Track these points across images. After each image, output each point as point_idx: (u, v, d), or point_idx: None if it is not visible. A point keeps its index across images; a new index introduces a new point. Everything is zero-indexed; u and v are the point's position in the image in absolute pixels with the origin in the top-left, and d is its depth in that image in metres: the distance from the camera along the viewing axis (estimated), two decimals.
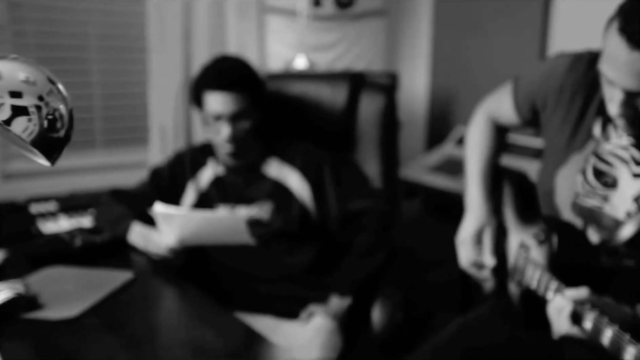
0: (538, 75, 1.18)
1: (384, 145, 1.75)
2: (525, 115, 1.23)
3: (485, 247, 1.19)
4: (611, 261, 1.06)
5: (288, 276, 1.58)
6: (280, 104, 1.80)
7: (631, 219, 1.01)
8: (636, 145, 1.03)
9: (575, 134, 1.11)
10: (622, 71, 0.87)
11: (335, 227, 1.62)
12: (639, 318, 0.95)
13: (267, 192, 1.63)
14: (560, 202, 1.13)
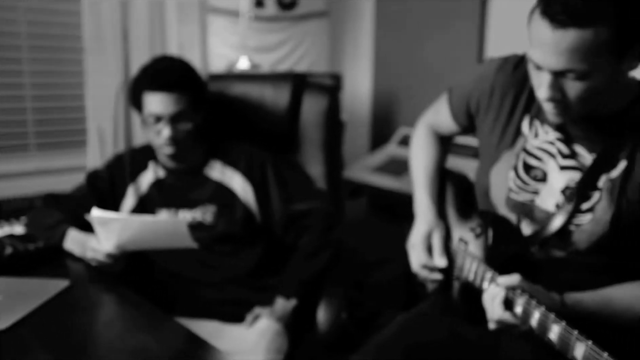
0: (469, 81, 1.22)
1: (328, 146, 1.76)
2: (462, 121, 1.27)
3: (435, 249, 1.21)
4: (542, 252, 1.10)
5: (232, 279, 1.56)
6: (223, 105, 1.77)
7: (560, 210, 1.05)
8: (562, 140, 1.06)
9: (505, 133, 1.14)
10: (548, 52, 0.90)
11: (280, 228, 1.61)
12: (566, 304, 0.98)
13: (209, 195, 1.60)
14: (495, 199, 1.16)
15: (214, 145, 1.65)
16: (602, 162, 1.01)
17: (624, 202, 1.00)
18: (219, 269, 1.57)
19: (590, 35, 0.86)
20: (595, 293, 1.02)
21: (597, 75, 0.90)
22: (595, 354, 0.79)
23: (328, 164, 1.76)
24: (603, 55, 0.88)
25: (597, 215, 1.01)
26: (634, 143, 0.99)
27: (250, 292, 1.55)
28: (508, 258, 1.07)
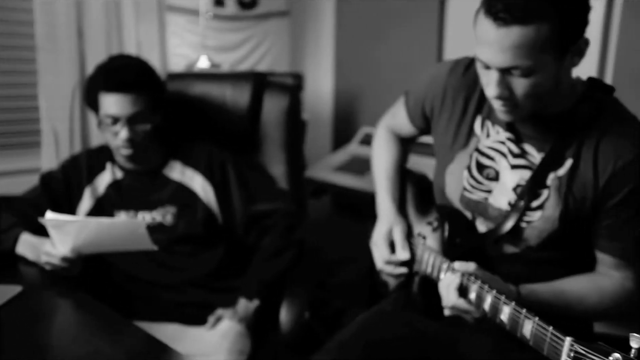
0: (423, 83, 1.25)
1: (289, 146, 1.75)
2: (419, 124, 1.30)
3: (397, 244, 1.23)
4: (496, 249, 1.12)
5: (193, 281, 1.54)
6: (182, 105, 1.75)
7: (512, 208, 1.07)
8: (512, 139, 1.09)
9: (459, 133, 1.16)
10: (493, 50, 0.92)
11: (241, 229, 1.60)
12: (521, 294, 1.01)
13: (169, 196, 1.58)
14: (451, 197, 1.18)
15: (173, 146, 1.63)
16: (550, 160, 1.04)
17: (570, 199, 1.02)
18: (180, 270, 1.54)
19: (532, 32, 0.89)
20: (549, 284, 1.05)
21: (541, 72, 0.93)
22: (542, 329, 0.81)
23: (290, 163, 1.75)
24: (546, 52, 0.91)
25: (547, 213, 1.04)
26: (579, 142, 1.02)
27: (211, 294, 1.53)
28: (464, 251, 1.09)
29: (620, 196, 1.00)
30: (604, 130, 1.01)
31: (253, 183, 1.63)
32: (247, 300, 1.48)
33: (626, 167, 0.98)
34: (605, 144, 1.00)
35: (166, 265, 1.54)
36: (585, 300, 1.05)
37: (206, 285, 1.54)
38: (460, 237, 1.12)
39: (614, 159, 0.99)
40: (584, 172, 1.02)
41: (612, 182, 1.00)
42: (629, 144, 0.99)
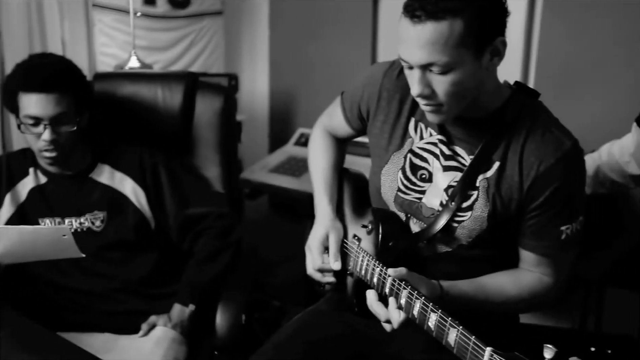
0: (359, 85, 1.25)
1: (223, 147, 1.72)
2: (355, 125, 1.30)
3: (331, 252, 1.22)
4: (429, 248, 1.15)
5: (125, 288, 1.49)
6: (110, 106, 1.68)
7: (444, 208, 1.10)
8: (443, 142, 1.12)
9: (393, 135, 1.18)
10: (411, 47, 0.95)
11: (175, 233, 1.56)
12: (444, 288, 1.03)
13: (98, 201, 1.52)
14: (386, 198, 1.20)
15: (101, 149, 1.57)
16: (479, 163, 1.07)
17: (498, 200, 1.06)
18: (111, 278, 1.49)
19: (446, 28, 0.91)
20: (471, 280, 1.08)
21: (460, 69, 0.95)
22: (465, 338, 0.83)
23: (224, 165, 1.73)
24: (461, 48, 0.93)
25: (476, 213, 1.07)
26: (506, 145, 1.06)
27: (144, 301, 1.49)
28: (397, 254, 1.10)
29: (543, 198, 1.04)
30: (529, 134, 1.04)
31: (186, 186, 1.59)
32: (181, 306, 1.44)
33: (548, 171, 1.02)
34: (530, 147, 1.04)
35: (96, 273, 1.48)
36: (504, 293, 1.09)
37: (139, 292, 1.49)
38: (394, 240, 1.14)
39: (537, 163, 1.03)
40: (510, 175, 1.05)
41: (535, 185, 1.03)
42: (551, 148, 1.03)
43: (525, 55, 2.17)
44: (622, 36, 1.93)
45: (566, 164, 1.03)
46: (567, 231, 1.06)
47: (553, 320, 2.02)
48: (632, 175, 1.40)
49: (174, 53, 2.80)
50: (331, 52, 2.78)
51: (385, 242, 1.13)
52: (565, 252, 1.09)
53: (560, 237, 1.06)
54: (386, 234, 1.13)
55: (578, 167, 1.07)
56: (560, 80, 2.09)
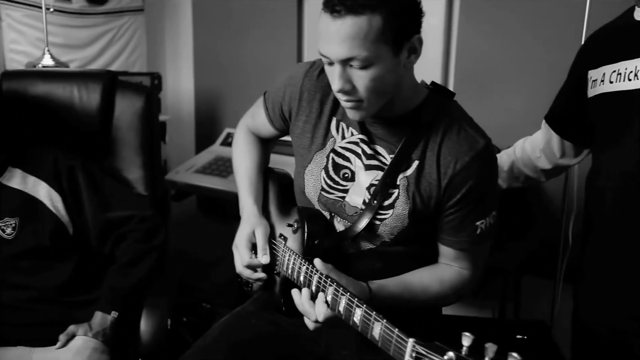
0: (281, 85, 1.26)
1: (146, 148, 1.67)
2: (278, 125, 1.30)
3: (258, 247, 1.21)
4: (353, 246, 1.17)
5: (41, 298, 1.42)
6: (21, 106, 1.59)
7: (367, 207, 1.12)
8: (365, 141, 1.14)
9: (315, 135, 1.19)
10: (332, 42, 0.97)
11: (95, 238, 1.49)
12: (372, 290, 1.05)
13: (10, 207, 1.44)
14: (310, 197, 1.21)
15: (12, 152, 1.48)
16: (398, 162, 1.09)
17: (417, 198, 1.09)
18: (25, 288, 1.42)
19: (364, 23, 0.94)
20: (397, 278, 1.11)
21: (379, 65, 0.98)
22: (389, 331, 0.85)
23: (147, 166, 1.68)
24: (380, 43, 0.96)
25: (397, 211, 1.10)
26: (424, 144, 1.09)
27: (63, 311, 1.42)
28: (323, 252, 1.11)
29: (460, 195, 1.08)
30: (445, 133, 1.08)
31: (106, 188, 1.53)
32: (103, 313, 1.39)
33: (464, 169, 1.06)
34: (447, 146, 1.08)
35: (8, 284, 1.41)
36: (428, 290, 1.13)
37: (57, 301, 1.43)
38: (319, 238, 1.15)
39: (453, 162, 1.07)
40: (429, 173, 1.09)
41: (452, 182, 1.07)
42: (466, 147, 1.07)
43: (444, 56, 2.26)
44: (534, 35, 2.05)
45: (480, 162, 1.07)
46: (481, 226, 1.11)
47: (474, 310, 2.12)
48: (543, 169, 1.48)
49: (92, 51, 2.69)
50: (257, 50, 2.77)
51: (310, 241, 1.14)
52: (481, 245, 1.14)
53: (476, 232, 1.11)
54: (311, 233, 1.14)
55: (491, 165, 1.12)
56: (478, 79, 2.19)
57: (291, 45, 2.67)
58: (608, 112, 1.17)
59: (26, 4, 2.40)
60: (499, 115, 2.12)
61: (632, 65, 1.10)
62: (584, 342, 1.28)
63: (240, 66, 2.86)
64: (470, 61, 2.20)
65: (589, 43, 1.29)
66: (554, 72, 1.46)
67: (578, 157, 1.42)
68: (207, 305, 2.46)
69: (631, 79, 1.10)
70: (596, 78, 1.19)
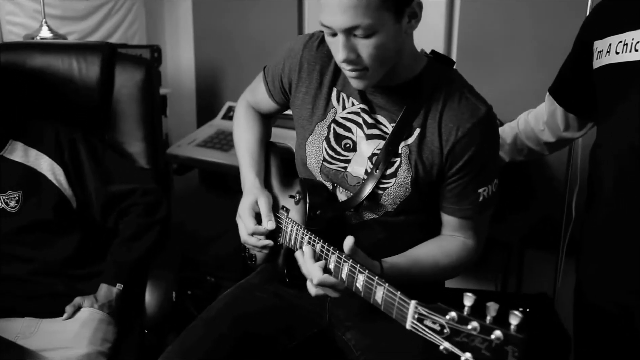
0: (280, 58, 1.25)
1: (146, 122, 1.67)
2: (279, 99, 1.30)
3: (263, 213, 1.20)
4: (356, 216, 1.17)
5: (46, 271, 1.43)
6: (20, 79, 1.58)
7: (369, 176, 1.13)
8: (366, 110, 1.14)
9: (316, 106, 1.19)
10: (335, 12, 0.96)
11: (99, 212, 1.51)
12: (383, 268, 1.05)
13: (12, 180, 1.44)
14: (312, 169, 1.21)
15: (13, 125, 1.48)
16: (400, 130, 1.10)
17: (420, 166, 1.10)
18: (30, 260, 1.43)
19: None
20: (405, 255, 1.11)
21: (382, 32, 0.98)
22: (391, 294, 0.87)
23: (148, 140, 1.68)
24: (382, 10, 0.96)
25: (399, 180, 1.10)
26: (425, 112, 1.09)
27: (68, 283, 1.44)
28: (325, 222, 1.12)
29: (462, 162, 1.08)
30: (446, 101, 1.08)
31: (108, 162, 1.54)
32: (108, 286, 1.41)
33: (466, 136, 1.07)
34: (448, 114, 1.08)
35: (13, 256, 1.42)
36: (437, 264, 1.13)
37: (62, 274, 1.44)
38: (321, 209, 1.15)
39: (455, 128, 1.07)
40: (430, 141, 1.09)
41: (454, 149, 1.08)
42: (467, 114, 1.07)
43: (447, 27, 2.23)
44: (538, 6, 2.02)
45: (482, 128, 1.07)
46: (484, 193, 1.12)
47: (477, 283, 2.14)
48: (547, 142, 1.48)
49: (91, 23, 2.66)
50: (258, 22, 2.74)
51: (313, 211, 1.14)
52: (483, 213, 1.15)
53: (478, 199, 1.11)
54: (314, 204, 1.15)
55: (492, 132, 1.13)
56: (481, 50, 2.17)
57: (292, 17, 2.64)
58: (614, 84, 1.16)
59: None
60: (502, 87, 2.10)
61: (639, 35, 1.09)
62: (586, 315, 1.29)
63: (241, 38, 2.83)
64: (473, 32, 2.18)
65: (594, 13, 1.27)
66: (559, 44, 1.44)
67: (582, 130, 1.42)
68: (211, 278, 2.49)
69: (638, 50, 1.08)
70: (602, 49, 1.17)
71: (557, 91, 1.39)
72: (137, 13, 2.86)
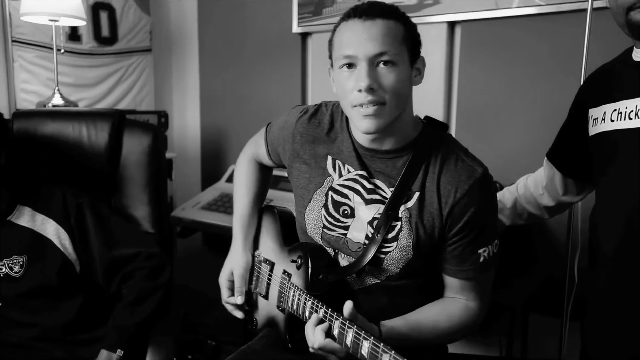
0: (276, 128, 1.32)
1: (152, 186, 1.68)
2: (276, 160, 1.35)
3: (235, 287, 1.31)
4: (358, 282, 1.17)
5: (47, 337, 1.41)
6: (31, 145, 1.62)
7: (371, 241, 1.13)
8: (364, 176, 1.15)
9: (313, 175, 1.21)
10: (362, 41, 1.02)
11: (103, 276, 1.49)
12: (382, 332, 1.04)
13: (17, 245, 1.44)
14: (312, 236, 1.22)
15: (21, 190, 1.50)
16: (399, 194, 1.11)
17: (420, 229, 1.11)
18: (31, 326, 1.41)
19: (392, 25, 1.04)
20: (405, 318, 1.11)
21: (401, 67, 1.04)
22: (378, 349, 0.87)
23: (154, 204, 1.68)
24: (403, 46, 1.04)
25: (401, 243, 1.11)
26: (424, 175, 1.11)
27: (67, 349, 1.41)
28: (328, 287, 1.12)
29: (462, 223, 1.09)
30: (443, 164, 1.11)
31: (113, 226, 1.54)
32: (108, 352, 1.38)
33: (464, 197, 1.08)
34: (446, 176, 1.10)
35: (13, 322, 1.40)
36: (437, 327, 1.12)
37: (62, 340, 1.42)
38: (323, 273, 1.15)
39: (453, 190, 1.09)
40: (430, 203, 1.10)
41: (454, 211, 1.09)
42: (465, 176, 1.09)
43: (446, 93, 2.29)
44: (534, 73, 2.07)
45: (479, 189, 1.09)
46: (484, 254, 1.12)
47: (481, 347, 2.09)
48: (546, 206, 1.48)
49: (101, 90, 2.74)
50: (262, 88, 2.81)
51: (315, 276, 1.14)
52: (485, 274, 1.15)
53: (479, 259, 1.12)
54: (315, 269, 1.15)
55: (490, 192, 1.14)
56: (480, 116, 2.21)
57: (296, 81, 2.71)
58: (609, 150, 1.18)
59: (38, 45, 2.46)
60: (501, 152, 2.13)
61: (633, 105, 1.11)
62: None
63: (245, 104, 2.89)
64: (471, 98, 2.23)
65: (588, 82, 1.31)
66: (555, 109, 1.48)
67: (581, 194, 1.43)
68: (211, 342, 2.44)
69: (632, 118, 1.11)
70: (597, 116, 1.20)
71: (555, 156, 1.41)
72: (146, 79, 2.94)
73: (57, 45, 2.33)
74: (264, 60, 2.78)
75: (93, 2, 2.68)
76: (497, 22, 2.12)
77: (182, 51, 3.13)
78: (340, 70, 1.06)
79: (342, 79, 1.06)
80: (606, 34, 1.51)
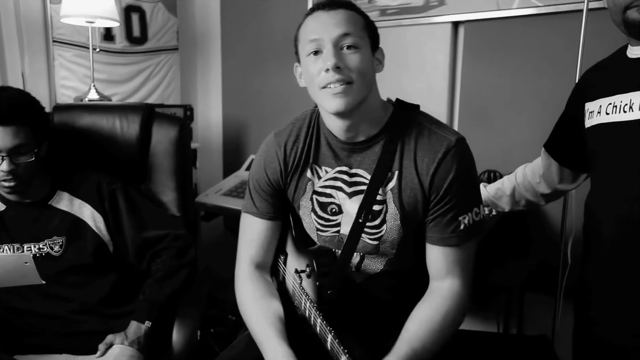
0: (257, 167, 1.22)
1: (179, 174, 1.69)
2: (275, 209, 1.23)
3: None
4: (360, 275, 1.15)
5: (84, 310, 1.43)
6: (69, 136, 1.63)
7: (358, 229, 1.09)
8: (344, 172, 1.11)
9: (298, 185, 1.16)
10: (327, 26, 1.02)
11: (134, 256, 1.51)
12: None
13: (57, 227, 1.46)
14: (313, 238, 1.19)
15: (61, 177, 1.51)
16: (378, 177, 1.07)
17: (405, 206, 1.07)
18: (70, 300, 1.43)
19: (354, 14, 1.05)
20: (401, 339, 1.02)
21: (363, 51, 1.03)
22: None
23: (180, 190, 1.69)
24: (364, 32, 1.05)
25: (389, 224, 1.08)
26: (400, 155, 1.07)
27: (102, 321, 1.43)
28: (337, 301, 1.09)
29: (442, 191, 1.05)
30: (417, 140, 1.06)
31: (144, 210, 1.55)
32: (138, 323, 1.40)
33: (441, 163, 1.04)
34: (421, 150, 1.06)
35: (54, 296, 1.42)
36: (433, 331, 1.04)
37: (97, 313, 1.44)
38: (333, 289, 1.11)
39: (430, 161, 1.04)
40: (410, 180, 1.06)
41: (433, 181, 1.05)
42: (438, 146, 1.05)
43: (450, 89, 2.26)
44: (533, 69, 2.04)
45: (453, 155, 1.04)
46: (464, 221, 1.06)
47: (480, 325, 2.08)
48: (543, 193, 1.47)
49: (133, 86, 2.75)
50: (277, 83, 2.80)
51: (323, 291, 1.11)
52: (466, 243, 1.08)
53: (460, 227, 1.06)
54: (322, 284, 1.11)
55: (466, 158, 1.08)
56: (482, 110, 2.19)
57: None
58: (605, 141, 1.16)
59: (76, 45, 2.47)
60: (502, 144, 2.11)
61: (627, 99, 1.09)
62: (585, 357, 1.24)
63: (264, 99, 2.89)
64: (474, 95, 2.20)
65: (585, 78, 1.28)
66: (552, 103, 1.46)
67: (575, 182, 1.41)
68: (232, 317, 2.45)
69: (626, 111, 1.09)
70: (593, 110, 1.18)
71: (552, 147, 1.39)
72: (173, 76, 2.95)
73: (93, 44, 2.34)
74: (281, 57, 2.77)
75: (125, 5, 2.68)
76: (498, 22, 2.08)
77: (206, 50, 3.13)
78: (307, 58, 1.04)
79: (309, 64, 1.04)
80: (601, 33, 1.49)
